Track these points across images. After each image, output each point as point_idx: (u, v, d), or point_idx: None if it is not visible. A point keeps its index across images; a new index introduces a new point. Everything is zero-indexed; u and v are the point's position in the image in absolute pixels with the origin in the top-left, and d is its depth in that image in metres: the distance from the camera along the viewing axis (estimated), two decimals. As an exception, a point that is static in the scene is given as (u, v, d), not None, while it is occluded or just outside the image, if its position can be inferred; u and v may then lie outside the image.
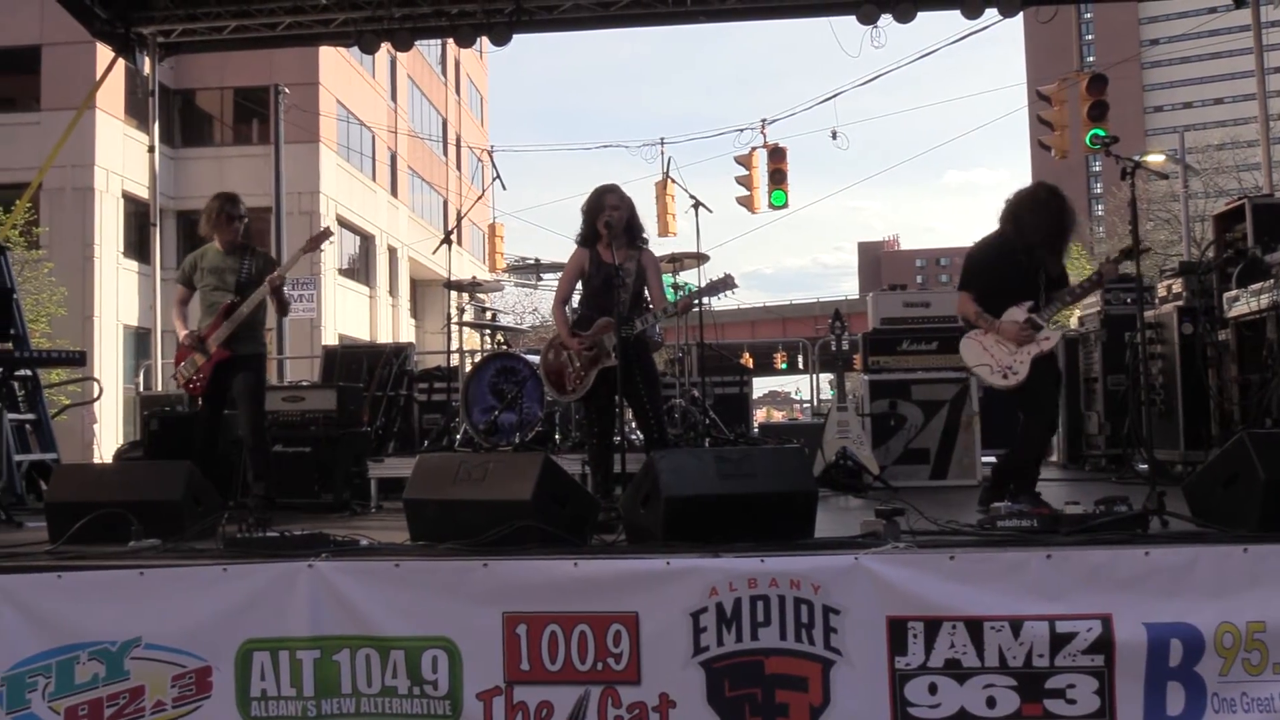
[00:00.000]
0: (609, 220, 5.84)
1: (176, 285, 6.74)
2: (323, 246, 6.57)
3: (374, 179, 32.03)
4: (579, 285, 6.16)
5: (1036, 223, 5.56)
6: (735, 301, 48.56)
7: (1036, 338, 5.55)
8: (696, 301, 6.23)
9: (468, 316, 9.04)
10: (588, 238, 6.01)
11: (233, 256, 6.56)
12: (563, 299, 6.13)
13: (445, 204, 40.01)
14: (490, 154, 16.76)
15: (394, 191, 33.96)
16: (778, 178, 17.15)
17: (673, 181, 13.95)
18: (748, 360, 35.82)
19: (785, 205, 17.13)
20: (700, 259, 8.57)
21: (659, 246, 6.35)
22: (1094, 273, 5.74)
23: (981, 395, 8.00)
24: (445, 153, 40.26)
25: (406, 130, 34.52)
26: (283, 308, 6.60)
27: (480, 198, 11.13)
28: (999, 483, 5.67)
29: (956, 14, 10.14)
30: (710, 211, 8.26)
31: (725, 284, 5.86)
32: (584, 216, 6.01)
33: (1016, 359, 5.53)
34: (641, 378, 5.84)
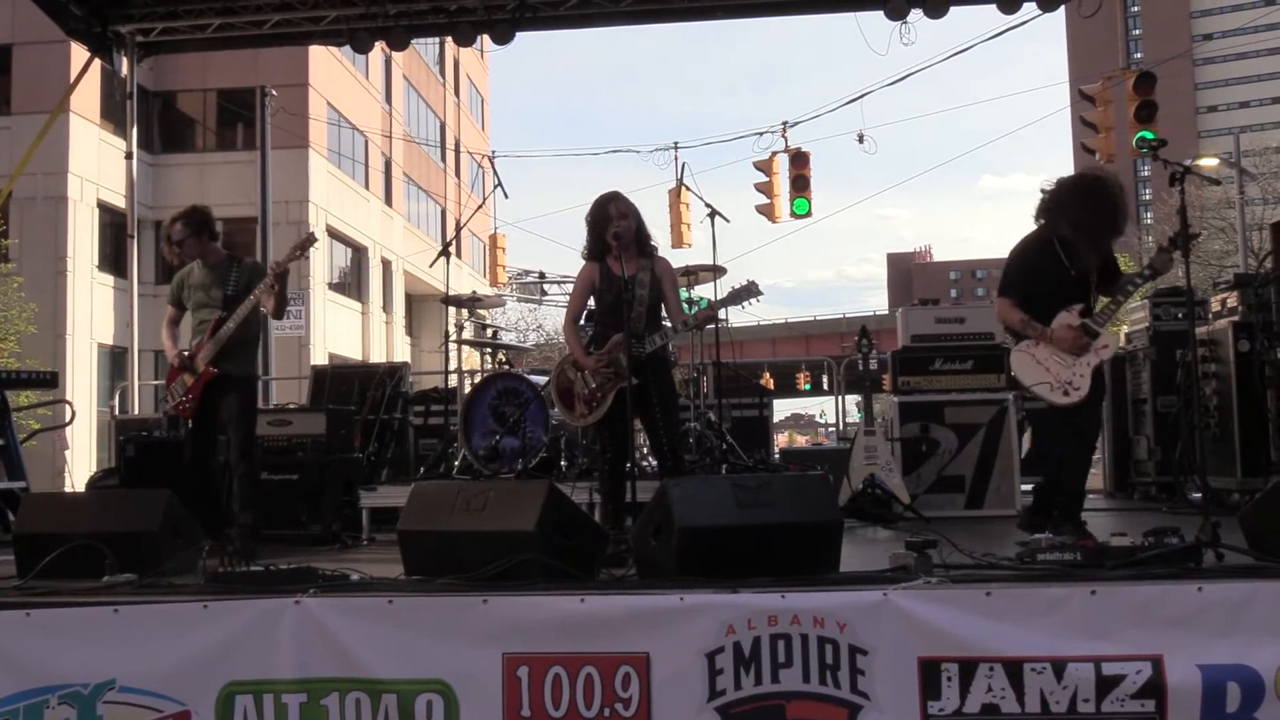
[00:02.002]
0: (618, 231, 5.88)
1: (167, 306, 6.76)
2: (308, 254, 6.56)
3: (367, 186, 32.21)
4: (590, 301, 6.20)
5: (1082, 215, 5.40)
6: (755, 318, 48.66)
7: (1094, 345, 5.45)
8: (717, 313, 6.25)
9: (467, 334, 9.08)
10: (595, 251, 6.05)
11: (217, 271, 6.58)
12: (574, 317, 6.18)
13: (443, 213, 40.19)
14: (491, 160, 16.90)
15: (388, 200, 34.14)
16: (800, 184, 17.21)
17: (687, 189, 14.06)
18: (768, 381, 35.73)
19: (808, 214, 17.20)
20: (717, 271, 8.61)
21: (672, 259, 6.39)
22: (1145, 267, 5.59)
23: (1021, 417, 7.99)
24: (443, 158, 40.48)
25: (402, 134, 34.73)
26: (281, 303, 6.42)
27: (480, 207, 11.15)
28: (1039, 513, 5.64)
29: (992, 9, 10.16)
30: (727, 221, 8.30)
31: (749, 291, 5.86)
32: (589, 229, 6.06)
33: (1076, 372, 5.43)
34: (657, 399, 5.87)
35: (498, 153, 23.30)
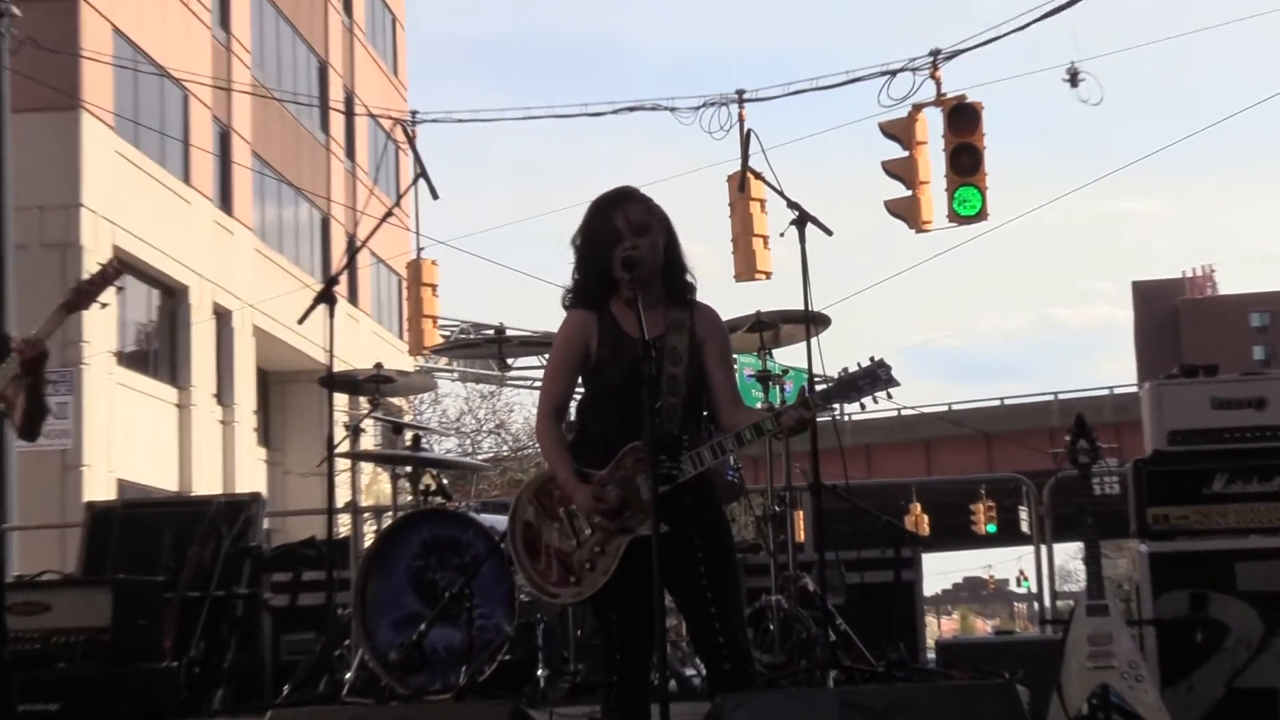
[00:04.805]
0: (631, 256, 5.94)
1: None
2: (103, 302, 6.65)
3: (187, 178, 32.49)
4: (581, 380, 6.25)
5: None
6: (892, 404, 48.69)
7: None
8: (822, 409, 6.29)
9: (368, 442, 9.16)
10: (592, 291, 6.15)
11: None
12: (555, 408, 6.23)
13: (325, 224, 40.48)
14: (409, 130, 16.91)
15: (225, 202, 34.41)
16: (966, 162, 17.30)
17: (758, 178, 13.95)
18: (917, 518, 34.85)
19: (981, 214, 17.25)
20: (814, 323, 8.66)
21: (736, 300, 6.46)
22: None
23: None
24: (325, 127, 40.83)
25: (249, 85, 35.09)
26: (35, 414, 6.44)
27: (390, 213, 11.24)
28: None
29: None
30: (829, 234, 8.33)
31: (874, 379, 5.89)
32: (582, 254, 6.16)
33: None
34: (705, 558, 5.93)
35: (421, 115, 23.42)
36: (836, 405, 6.25)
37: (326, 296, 8.85)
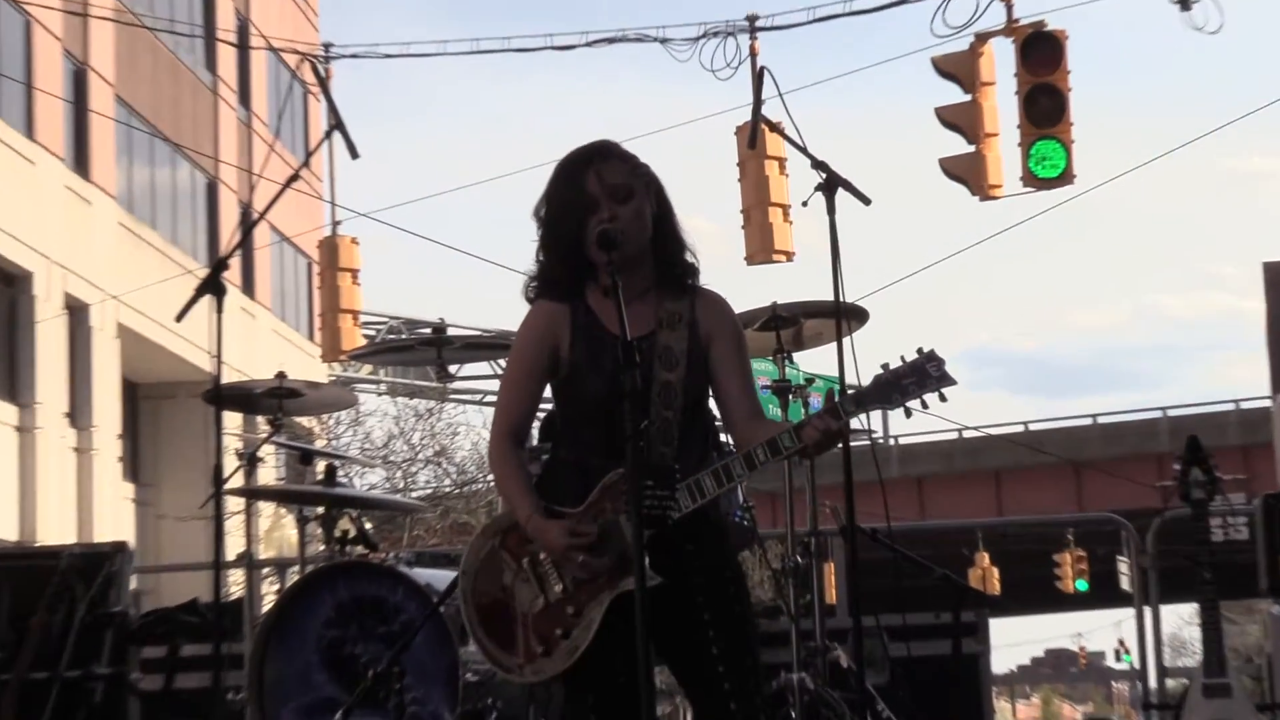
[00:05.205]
0: (608, 230, 5.93)
1: None
2: None
3: (30, 131, 32.45)
4: (549, 391, 6.27)
5: None
6: (950, 421, 48.36)
7: None
8: (848, 424, 6.24)
9: (269, 476, 9.13)
10: (561, 277, 6.16)
11: None
12: (513, 427, 6.25)
13: (211, 191, 40.49)
14: (322, 67, 16.84)
15: (81, 164, 34.37)
16: (1046, 108, 17.32)
17: (773, 130, 13.83)
18: (984, 572, 35.03)
19: (1066, 176, 17.27)
20: (846, 318, 8.60)
21: (747, 288, 6.36)
22: None
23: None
24: (212, 65, 40.89)
25: (112, 9, 35.02)
26: None
27: (296, 176, 11.13)
28: None
29: None
30: (866, 202, 8.29)
31: (922, 379, 5.91)
32: (546, 226, 6.16)
33: None
34: (713, 618, 6.00)
35: (337, 49, 23.44)
36: (875, 412, 6.21)
37: (213, 286, 8.76)
